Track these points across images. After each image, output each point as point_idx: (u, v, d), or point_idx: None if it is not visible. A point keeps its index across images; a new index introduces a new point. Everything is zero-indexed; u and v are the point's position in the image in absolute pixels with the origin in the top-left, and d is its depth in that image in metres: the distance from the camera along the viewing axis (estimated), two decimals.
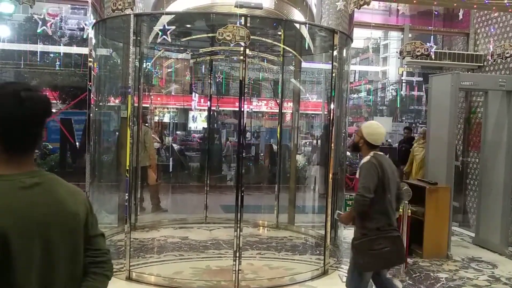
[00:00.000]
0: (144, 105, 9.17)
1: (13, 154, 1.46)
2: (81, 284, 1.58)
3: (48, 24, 4.45)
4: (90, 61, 5.78)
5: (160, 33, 4.22)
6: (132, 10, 4.59)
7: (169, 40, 4.31)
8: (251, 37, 4.44)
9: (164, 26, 4.22)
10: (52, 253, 1.46)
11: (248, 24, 4.54)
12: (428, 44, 5.09)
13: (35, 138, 1.51)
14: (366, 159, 3.69)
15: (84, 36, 6.19)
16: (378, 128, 3.83)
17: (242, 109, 4.79)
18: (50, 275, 1.46)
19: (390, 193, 3.66)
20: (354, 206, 3.71)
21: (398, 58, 7.38)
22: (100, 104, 6.39)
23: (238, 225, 4.97)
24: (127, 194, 5.19)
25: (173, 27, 4.35)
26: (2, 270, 1.38)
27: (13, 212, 1.39)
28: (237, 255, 4.95)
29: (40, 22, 4.42)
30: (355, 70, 35.90)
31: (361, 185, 3.60)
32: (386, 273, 4.00)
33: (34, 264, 1.42)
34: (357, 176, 3.79)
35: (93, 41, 5.74)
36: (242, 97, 4.69)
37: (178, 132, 24.17)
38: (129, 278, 5.03)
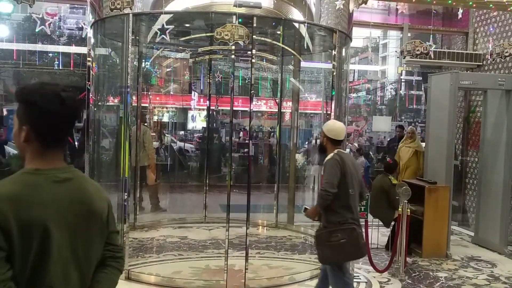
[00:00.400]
0: (143, 104, 9.17)
1: (48, 149, 1.57)
2: (98, 275, 1.66)
3: (47, 24, 4.44)
4: (89, 61, 5.77)
5: (158, 32, 4.21)
6: (131, 9, 4.58)
7: (168, 39, 4.31)
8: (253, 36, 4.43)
9: (163, 25, 4.22)
10: (79, 246, 1.56)
11: (255, 25, 4.53)
12: (427, 43, 5.08)
13: (66, 136, 1.64)
14: (329, 156, 3.85)
15: (83, 36, 6.17)
16: (336, 123, 4.11)
17: (251, 109, 4.85)
18: (77, 266, 1.56)
19: (353, 189, 3.82)
20: (318, 200, 3.87)
21: (398, 57, 7.36)
22: (99, 103, 6.37)
23: (247, 225, 4.99)
24: (125, 193, 5.18)
25: (172, 26, 4.35)
26: (42, 261, 1.45)
27: (52, 205, 1.49)
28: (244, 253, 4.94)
29: (39, 22, 4.41)
30: (354, 70, 35.92)
31: (325, 180, 3.78)
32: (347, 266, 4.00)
33: (67, 256, 1.52)
34: (321, 173, 3.96)
35: (92, 40, 5.73)
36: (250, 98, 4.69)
37: (180, 132, 24.16)
38: (128, 278, 5.02)
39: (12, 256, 1.41)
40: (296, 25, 6.23)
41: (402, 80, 38.00)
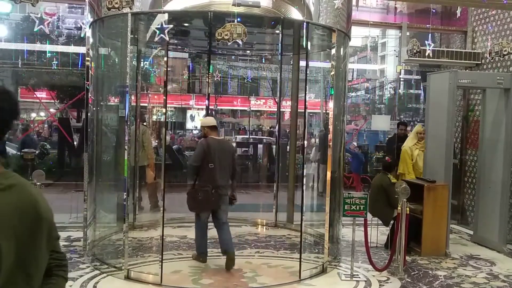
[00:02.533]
0: (142, 104, 9.16)
1: None
2: (46, 286, 1.59)
3: (45, 23, 4.44)
4: (88, 60, 5.77)
5: (157, 31, 4.21)
6: (130, 9, 4.58)
7: (167, 38, 4.30)
8: (250, 35, 4.43)
9: (162, 24, 4.22)
10: (27, 255, 1.47)
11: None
12: (426, 41, 5.09)
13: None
14: (200, 140, 5.47)
15: (82, 35, 6.17)
16: (205, 118, 6.37)
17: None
18: (24, 278, 1.47)
19: (213, 164, 5.31)
20: (188, 170, 5.45)
21: (396, 56, 7.35)
22: (99, 103, 6.37)
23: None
24: (125, 193, 5.18)
25: (171, 26, 4.35)
26: None
27: None
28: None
29: (37, 21, 4.41)
30: (353, 69, 35.92)
31: (192, 156, 5.78)
32: (221, 217, 5.54)
33: (13, 267, 1.43)
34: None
35: (91, 40, 5.73)
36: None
37: (179, 132, 24.14)
38: (127, 277, 5.02)
39: None
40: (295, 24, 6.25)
41: (401, 79, 38.02)
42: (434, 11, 7.94)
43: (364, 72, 38.13)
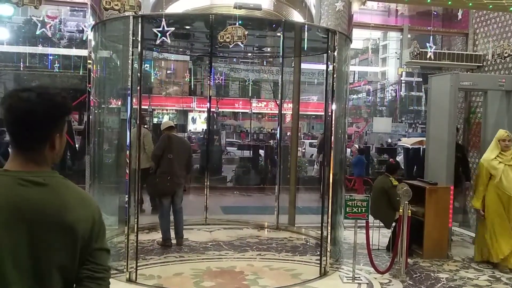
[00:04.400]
0: (143, 106, 9.16)
1: (18, 151, 1.52)
2: None
3: (48, 26, 4.45)
4: (90, 63, 5.79)
5: (159, 34, 4.22)
6: (135, 13, 4.57)
7: (169, 41, 4.32)
8: (252, 38, 4.44)
9: (163, 27, 4.23)
10: (39, 253, 1.46)
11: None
12: (427, 44, 5.09)
13: (39, 138, 1.52)
14: (163, 135, 6.52)
15: (84, 38, 6.19)
16: (164, 122, 7.62)
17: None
18: (34, 274, 1.45)
19: (171, 154, 6.22)
20: (151, 158, 6.68)
21: (398, 59, 7.35)
22: (101, 106, 6.39)
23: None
24: (126, 195, 5.18)
25: (172, 28, 4.36)
26: None
27: (6, 206, 1.42)
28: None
29: (39, 24, 4.42)
30: (354, 71, 35.96)
31: (155, 147, 6.71)
32: (176, 202, 6.45)
33: (18, 258, 1.43)
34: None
35: (93, 43, 5.75)
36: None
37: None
38: (129, 280, 5.02)
39: None
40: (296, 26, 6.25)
41: (402, 82, 38.02)
42: (435, 13, 7.95)
43: (366, 74, 38.14)
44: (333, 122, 5.45)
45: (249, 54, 8.43)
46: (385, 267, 5.55)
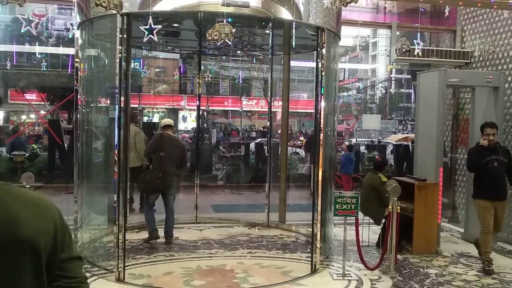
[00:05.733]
0: (133, 105, 9.11)
1: None
2: None
3: (33, 24, 4.40)
4: (77, 62, 5.73)
5: (146, 32, 4.19)
6: (118, 13, 4.54)
7: (156, 39, 4.29)
8: (243, 36, 4.43)
9: (150, 25, 4.20)
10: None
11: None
12: (414, 41, 5.11)
13: None
14: (156, 133, 6.89)
15: (70, 36, 6.12)
16: (164, 120, 7.42)
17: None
18: None
19: (164, 152, 6.31)
20: (143, 155, 7.16)
21: (387, 56, 7.38)
22: (89, 105, 6.33)
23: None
24: (115, 195, 5.15)
25: (159, 26, 4.33)
26: None
27: None
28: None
29: (24, 22, 4.37)
30: (344, 68, 36.07)
31: (148, 145, 6.94)
32: (169, 201, 6.51)
33: None
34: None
35: (80, 41, 5.69)
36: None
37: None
38: (119, 279, 4.99)
39: None
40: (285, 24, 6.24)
41: (392, 79, 38.23)
42: (423, 10, 7.98)
43: (356, 72, 38.29)
44: (321, 119, 5.44)
45: (238, 52, 8.40)
46: (375, 264, 5.58)
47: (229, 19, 4.51)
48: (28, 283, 1.26)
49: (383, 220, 6.35)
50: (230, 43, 4.27)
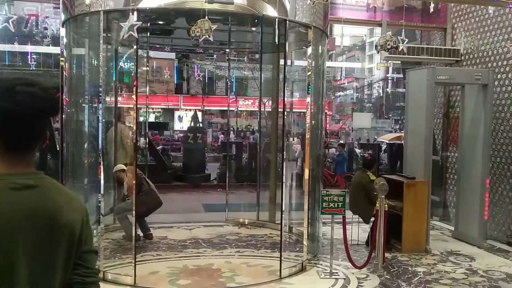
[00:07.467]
0: (124, 105, 9.07)
1: (10, 153, 1.37)
2: None
3: (10, 21, 4.36)
4: (62, 61, 5.68)
5: (126, 29, 4.15)
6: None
7: (136, 36, 4.25)
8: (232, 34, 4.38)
9: (129, 21, 4.15)
10: (34, 259, 1.35)
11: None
12: (398, 37, 5.08)
13: (30, 137, 1.39)
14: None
15: (48, 34, 6.07)
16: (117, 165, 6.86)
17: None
18: (28, 280, 1.34)
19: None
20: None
21: (377, 53, 7.38)
22: (74, 104, 6.28)
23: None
24: (99, 194, 5.11)
25: (140, 23, 4.29)
26: None
27: (3, 215, 1.30)
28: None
29: (1, 19, 4.33)
30: (341, 68, 36.06)
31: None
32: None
33: (14, 266, 1.31)
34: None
35: (65, 40, 5.64)
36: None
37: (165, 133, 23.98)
38: (103, 279, 4.94)
39: None
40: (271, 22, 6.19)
41: (389, 78, 38.23)
42: (409, 7, 7.96)
43: (353, 71, 38.29)
44: (307, 118, 5.42)
45: (227, 50, 8.36)
46: (363, 262, 5.55)
47: (221, 17, 4.47)
48: (60, 266, 1.40)
49: (372, 219, 6.32)
50: (211, 39, 4.23)
